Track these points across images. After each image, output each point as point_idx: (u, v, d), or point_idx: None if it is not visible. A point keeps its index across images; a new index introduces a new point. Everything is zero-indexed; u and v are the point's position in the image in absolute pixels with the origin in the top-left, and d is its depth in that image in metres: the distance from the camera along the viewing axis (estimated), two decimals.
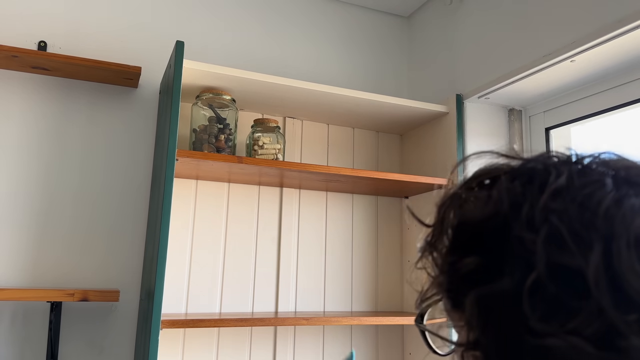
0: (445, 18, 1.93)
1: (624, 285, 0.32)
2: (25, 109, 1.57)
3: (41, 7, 1.64)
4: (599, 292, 0.32)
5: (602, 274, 0.32)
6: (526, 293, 0.34)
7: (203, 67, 1.46)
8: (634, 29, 1.22)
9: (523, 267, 0.34)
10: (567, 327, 0.32)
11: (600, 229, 0.34)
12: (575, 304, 0.32)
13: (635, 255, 0.32)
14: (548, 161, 0.40)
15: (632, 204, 0.35)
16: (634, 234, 0.33)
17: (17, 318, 1.47)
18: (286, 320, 1.52)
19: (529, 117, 1.80)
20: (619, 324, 0.31)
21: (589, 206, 0.35)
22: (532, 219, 0.35)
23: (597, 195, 0.35)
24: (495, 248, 0.36)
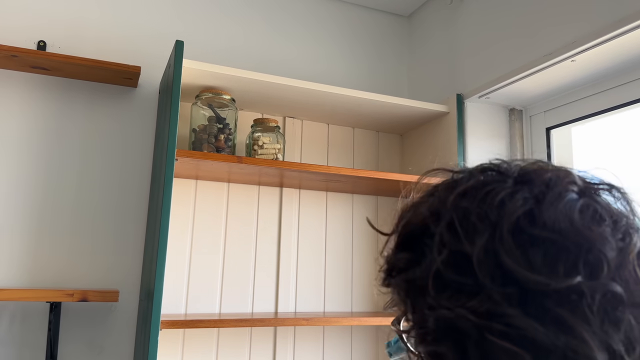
0: (445, 17, 1.93)
1: (503, 263, 0.37)
2: (25, 109, 1.57)
3: (40, 7, 1.63)
4: (480, 270, 0.38)
5: (484, 256, 0.38)
6: (431, 277, 0.40)
7: (203, 67, 1.46)
8: (634, 29, 1.22)
9: (432, 256, 0.41)
10: (455, 301, 0.38)
11: (491, 219, 0.39)
12: (463, 281, 0.38)
13: (512, 238, 0.38)
14: (474, 170, 0.47)
15: (522, 197, 0.40)
16: (515, 220, 0.38)
17: (16, 318, 1.47)
18: (286, 321, 1.52)
19: (529, 117, 1.79)
20: (495, 295, 0.37)
21: (486, 200, 0.41)
22: (441, 217, 0.42)
23: (495, 191, 0.41)
24: (418, 245, 0.44)
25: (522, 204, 0.39)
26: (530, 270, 0.37)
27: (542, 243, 0.38)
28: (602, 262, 0.37)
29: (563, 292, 0.36)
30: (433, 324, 0.40)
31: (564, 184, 0.41)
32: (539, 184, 0.41)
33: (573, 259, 0.37)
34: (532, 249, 0.38)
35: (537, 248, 0.38)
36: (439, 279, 0.40)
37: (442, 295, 0.39)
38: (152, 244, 1.43)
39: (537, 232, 0.38)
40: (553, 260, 0.37)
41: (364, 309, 1.87)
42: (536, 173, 0.43)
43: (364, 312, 1.83)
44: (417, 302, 0.42)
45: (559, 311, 0.36)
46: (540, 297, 0.36)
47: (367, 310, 1.87)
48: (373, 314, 1.77)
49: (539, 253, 0.37)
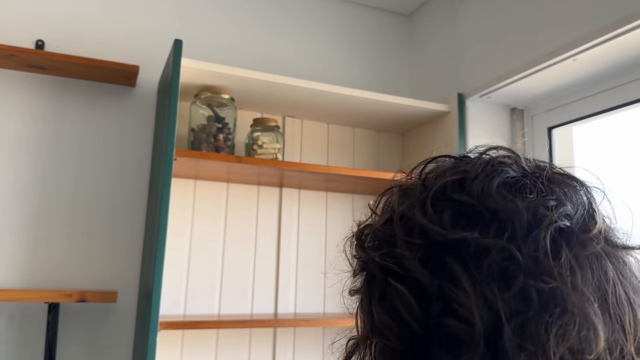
0: (446, 16, 1.92)
1: (416, 218, 0.41)
2: (23, 108, 1.56)
3: (39, 6, 1.63)
4: (398, 224, 0.42)
5: (407, 211, 0.42)
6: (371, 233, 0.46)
7: (202, 66, 1.45)
8: (635, 28, 1.21)
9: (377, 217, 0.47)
10: (375, 250, 0.43)
11: (427, 185, 0.43)
12: (387, 232, 0.42)
13: (433, 199, 0.41)
14: (457, 155, 0.49)
15: (461, 169, 0.43)
16: (442, 184, 0.42)
17: (14, 319, 1.46)
18: (286, 322, 1.51)
19: (531, 117, 1.78)
20: (401, 243, 0.40)
21: (436, 173, 0.45)
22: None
23: (444, 166, 0.45)
24: None
25: (458, 174, 0.42)
26: (435, 224, 0.39)
27: (459, 205, 0.40)
28: (506, 226, 0.37)
29: (458, 245, 0.37)
30: (356, 267, 0.45)
31: (507, 164, 0.43)
32: (487, 163, 0.43)
33: (478, 219, 0.38)
34: (447, 210, 0.40)
35: (453, 209, 0.40)
36: (374, 233, 0.45)
37: (371, 245, 0.44)
38: (151, 244, 1.42)
39: (457, 196, 0.40)
40: (461, 219, 0.39)
41: None
42: (496, 158, 0.44)
43: None
44: (357, 253, 0.47)
45: (449, 260, 0.37)
46: (439, 248, 0.38)
47: None
48: None
49: (451, 212, 0.39)
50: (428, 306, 0.37)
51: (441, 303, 0.36)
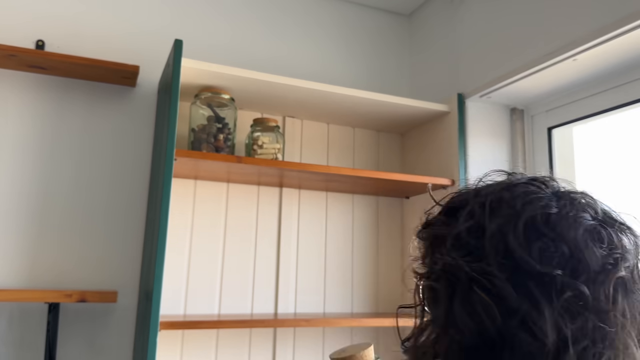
0: (446, 16, 1.92)
1: (508, 242, 0.47)
2: (23, 108, 1.56)
3: (39, 6, 1.63)
4: (489, 242, 0.48)
5: (497, 232, 0.49)
6: (452, 235, 0.51)
7: (202, 66, 1.45)
8: (636, 28, 1.21)
9: (459, 222, 0.52)
10: (461, 256, 0.49)
11: (516, 208, 0.50)
12: (474, 244, 0.49)
13: (524, 227, 0.48)
14: (528, 176, 0.56)
15: (548, 203, 0.50)
16: (533, 216, 0.48)
17: (14, 319, 1.46)
18: (286, 322, 1.51)
19: (531, 117, 1.79)
20: (492, 261, 0.47)
21: (520, 196, 0.51)
22: (479, 197, 0.54)
23: (530, 191, 0.52)
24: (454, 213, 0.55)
25: (545, 207, 0.49)
26: (526, 253, 0.46)
27: (545, 239, 0.47)
28: (583, 270, 0.46)
29: (543, 277, 0.46)
30: (439, 266, 0.51)
31: (585, 207, 0.51)
32: (567, 200, 0.51)
33: (564, 259, 0.46)
34: (536, 241, 0.47)
35: (540, 241, 0.47)
36: (457, 238, 0.51)
37: (454, 248, 0.50)
38: (151, 244, 1.42)
39: (545, 230, 0.47)
40: (548, 253, 0.46)
41: (364, 310, 1.86)
42: (570, 194, 0.52)
43: (364, 313, 1.82)
44: (434, 251, 0.53)
45: (533, 287, 0.45)
46: (525, 274, 0.46)
47: (367, 311, 1.86)
48: (373, 315, 1.76)
49: (539, 244, 0.47)
50: (508, 319, 0.45)
51: (520, 319, 0.45)
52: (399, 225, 1.97)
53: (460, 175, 1.68)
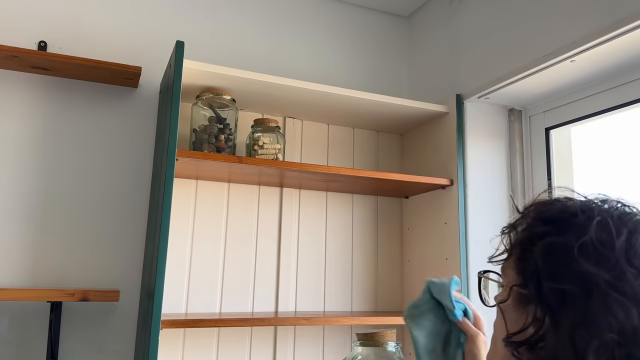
0: (445, 18, 1.93)
1: (636, 253, 0.57)
2: (25, 109, 1.57)
3: (41, 7, 1.64)
4: (619, 252, 0.56)
5: (624, 244, 0.57)
6: (578, 245, 0.57)
7: (203, 67, 1.46)
8: (634, 29, 1.22)
9: (577, 234, 0.59)
10: (595, 265, 0.56)
11: (629, 227, 0.59)
12: (605, 254, 0.57)
13: None
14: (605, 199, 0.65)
15: None
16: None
17: (17, 318, 1.47)
18: (286, 320, 1.52)
19: (529, 117, 1.80)
20: (624, 269, 0.55)
21: (623, 217, 0.61)
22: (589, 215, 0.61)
23: (629, 212, 0.62)
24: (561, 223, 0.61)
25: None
26: None
27: None
28: None
29: None
30: (572, 272, 0.56)
31: None
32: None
33: None
34: None
35: None
36: (584, 247, 0.57)
37: (584, 257, 0.56)
38: (153, 243, 1.44)
39: None
40: None
41: (364, 308, 1.87)
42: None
43: (364, 312, 1.83)
44: (552, 259, 0.59)
45: None
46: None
47: (367, 309, 1.87)
48: (373, 313, 1.77)
49: None
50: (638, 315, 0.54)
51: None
52: (399, 224, 1.98)
53: (459, 175, 1.69)
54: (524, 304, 0.60)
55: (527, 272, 0.61)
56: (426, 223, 1.84)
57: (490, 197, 1.74)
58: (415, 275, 1.87)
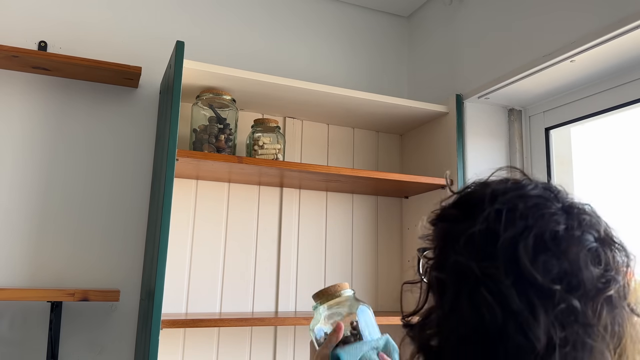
0: (445, 18, 1.93)
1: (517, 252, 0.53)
2: (26, 109, 1.57)
3: (41, 7, 1.64)
4: (501, 249, 0.53)
5: (509, 242, 0.53)
6: (466, 234, 0.56)
7: (203, 67, 1.46)
8: (634, 29, 1.22)
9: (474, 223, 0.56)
10: (473, 256, 0.54)
11: (528, 222, 0.54)
12: (486, 249, 0.54)
13: (533, 242, 0.53)
14: (540, 184, 0.60)
15: (557, 220, 0.55)
16: (542, 231, 0.54)
17: (17, 318, 1.47)
18: (286, 320, 1.53)
19: (528, 117, 1.80)
20: (500, 267, 0.53)
21: (532, 208, 0.56)
22: (496, 202, 0.57)
23: (542, 205, 0.56)
24: (469, 210, 0.59)
25: (554, 225, 0.54)
26: (531, 265, 0.51)
27: (550, 254, 0.52)
28: (579, 286, 0.52)
29: (543, 288, 0.51)
30: (451, 262, 0.56)
31: (590, 227, 0.55)
32: (575, 218, 0.55)
33: (564, 275, 0.52)
34: (541, 254, 0.52)
35: (545, 255, 0.52)
36: (471, 238, 0.55)
37: (466, 248, 0.55)
38: (153, 243, 1.44)
39: (551, 246, 0.53)
40: (550, 267, 0.52)
41: None
42: (578, 211, 0.57)
43: None
44: (447, 245, 0.58)
45: (533, 297, 0.51)
46: (527, 284, 0.51)
47: None
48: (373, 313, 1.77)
49: (544, 258, 0.52)
50: (508, 321, 0.51)
51: (518, 322, 0.50)
52: (398, 224, 1.99)
53: (459, 175, 1.69)
54: (421, 273, 0.65)
55: (423, 251, 0.63)
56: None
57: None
58: (415, 275, 1.87)
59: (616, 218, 0.65)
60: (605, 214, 0.60)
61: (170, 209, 1.33)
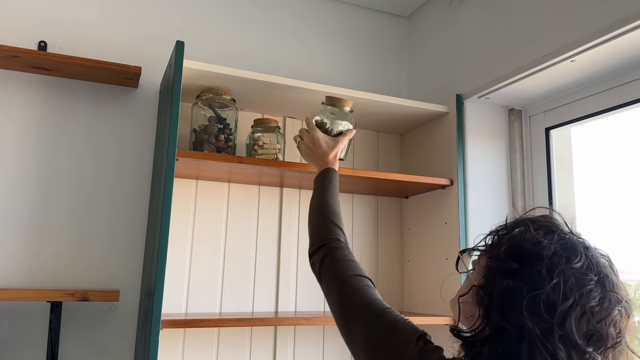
0: (445, 18, 1.93)
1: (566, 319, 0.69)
2: (26, 109, 1.57)
3: (41, 7, 1.64)
4: (556, 315, 0.69)
5: (567, 311, 0.69)
6: (528, 296, 0.69)
7: (203, 67, 1.46)
8: (634, 29, 1.22)
9: (534, 285, 0.70)
10: (532, 318, 0.69)
11: (575, 296, 0.70)
12: (543, 313, 0.69)
13: (580, 313, 0.69)
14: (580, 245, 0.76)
15: (596, 296, 0.72)
16: (586, 308, 0.70)
17: (17, 318, 1.47)
18: (286, 320, 1.53)
19: (529, 117, 1.80)
20: (554, 331, 0.68)
21: (577, 283, 0.71)
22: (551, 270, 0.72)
23: (586, 278, 0.72)
24: (526, 266, 0.72)
25: (592, 301, 0.70)
26: (577, 335, 0.68)
27: (590, 326, 0.69)
28: (602, 344, 0.70)
29: (579, 346, 0.68)
30: (513, 317, 0.69)
31: (617, 303, 0.72)
32: (606, 294, 0.71)
33: (593, 335, 0.69)
34: (584, 327, 0.69)
35: (587, 327, 0.69)
36: (532, 299, 0.68)
37: (528, 309, 0.68)
38: (153, 243, 1.44)
39: (591, 319, 0.69)
40: (589, 337, 0.69)
41: None
42: (609, 283, 0.72)
43: None
44: (504, 298, 0.71)
45: (572, 352, 0.68)
46: (570, 344, 0.68)
47: None
48: None
49: (584, 330, 0.68)
50: None
51: None
52: (398, 224, 1.99)
53: (459, 175, 1.69)
54: (478, 304, 0.74)
55: (486, 289, 0.74)
56: (426, 223, 1.84)
57: (490, 197, 1.74)
58: (415, 275, 1.87)
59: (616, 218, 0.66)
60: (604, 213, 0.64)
61: (170, 209, 1.33)
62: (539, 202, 1.70)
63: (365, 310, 0.89)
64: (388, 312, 0.87)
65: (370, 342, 0.83)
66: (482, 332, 0.72)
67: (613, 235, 1.49)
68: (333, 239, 1.08)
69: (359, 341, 0.86)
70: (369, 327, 0.85)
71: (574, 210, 1.66)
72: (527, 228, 0.76)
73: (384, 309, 0.88)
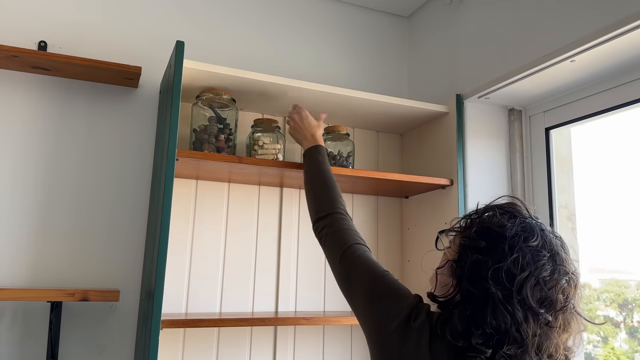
0: (445, 18, 1.93)
1: (524, 285, 0.84)
2: (26, 109, 1.57)
3: (41, 7, 1.64)
4: (517, 283, 0.84)
5: (524, 280, 0.84)
6: (492, 267, 0.84)
7: (203, 67, 1.46)
8: (634, 29, 1.22)
9: (500, 258, 0.85)
10: (495, 283, 0.84)
11: (531, 268, 0.85)
12: (504, 283, 0.84)
13: (534, 282, 0.84)
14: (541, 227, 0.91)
15: (550, 269, 0.87)
16: (539, 279, 0.85)
17: (17, 318, 1.47)
18: (286, 320, 1.53)
19: (529, 117, 1.80)
20: (513, 296, 0.83)
21: (535, 257, 0.87)
22: (513, 246, 0.87)
23: (542, 255, 0.87)
24: (493, 243, 0.87)
25: (544, 272, 0.84)
26: (534, 300, 0.82)
27: (543, 292, 0.84)
28: (551, 307, 0.86)
29: (534, 309, 0.82)
30: (481, 285, 0.84)
31: (564, 274, 0.87)
32: (556, 264, 0.86)
33: (545, 301, 0.84)
34: (536, 291, 0.83)
35: (540, 293, 0.83)
36: (496, 271, 0.83)
37: (493, 279, 0.83)
38: (153, 243, 1.44)
39: (542, 286, 0.84)
40: (539, 298, 0.83)
41: None
42: (559, 258, 0.87)
43: None
44: (473, 270, 0.86)
45: (528, 313, 0.82)
46: (527, 306, 0.82)
47: None
48: None
49: (538, 295, 0.83)
50: (511, 324, 0.82)
51: (517, 325, 0.82)
52: (398, 224, 1.99)
53: (459, 175, 1.69)
54: (452, 274, 0.89)
55: (459, 263, 0.88)
56: (426, 223, 1.84)
57: (490, 197, 1.72)
58: (415, 275, 1.87)
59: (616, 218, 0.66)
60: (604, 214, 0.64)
61: (170, 209, 1.33)
62: (539, 202, 1.70)
63: (368, 268, 1.08)
64: (388, 273, 1.06)
65: (371, 293, 1.00)
66: (454, 297, 0.87)
67: (613, 235, 1.49)
68: (340, 208, 1.25)
69: (361, 293, 1.03)
70: (373, 279, 1.03)
71: (574, 209, 1.66)
72: (495, 213, 0.91)
73: (385, 270, 1.07)
